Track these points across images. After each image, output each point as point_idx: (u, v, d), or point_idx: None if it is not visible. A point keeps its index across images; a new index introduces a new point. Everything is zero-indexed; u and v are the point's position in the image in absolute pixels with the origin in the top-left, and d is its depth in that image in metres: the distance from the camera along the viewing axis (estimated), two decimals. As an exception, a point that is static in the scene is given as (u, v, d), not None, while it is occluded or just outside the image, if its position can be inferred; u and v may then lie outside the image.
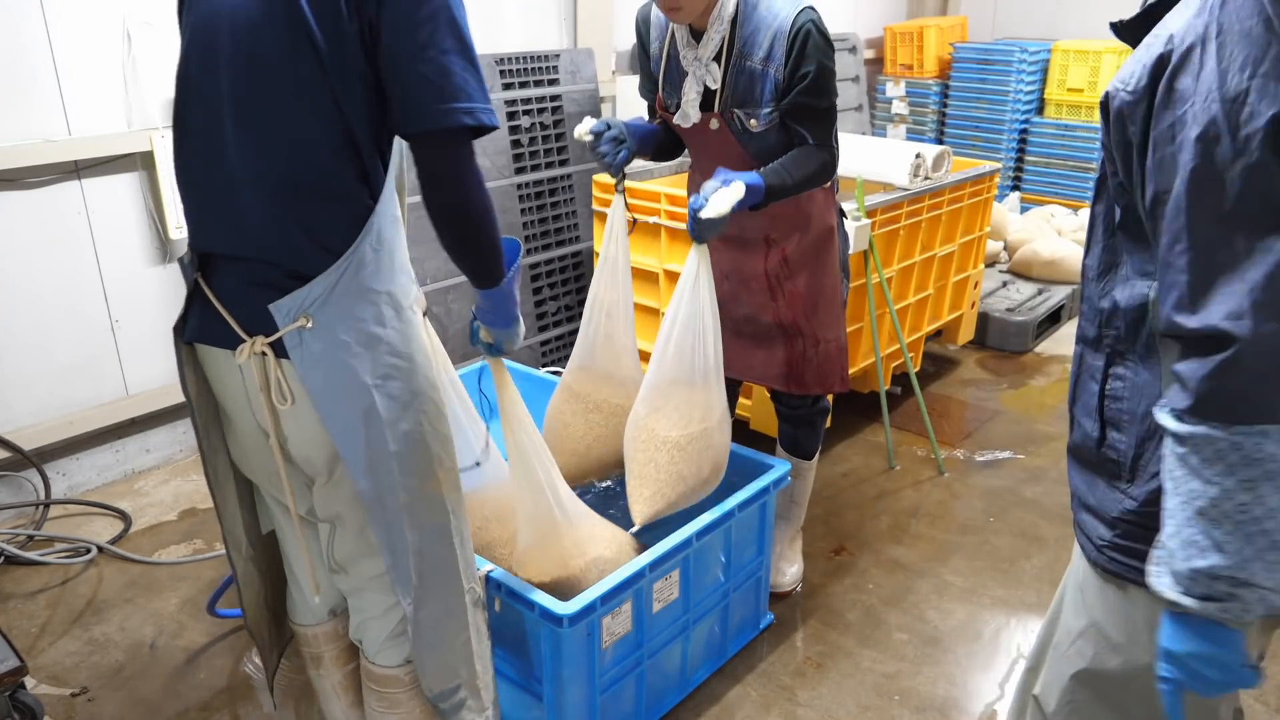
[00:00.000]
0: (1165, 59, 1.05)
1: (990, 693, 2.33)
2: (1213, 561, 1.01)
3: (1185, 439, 1.01)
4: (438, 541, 1.63)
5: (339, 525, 1.64)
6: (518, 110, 3.85)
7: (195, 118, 1.48)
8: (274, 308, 1.42)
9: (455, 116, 1.41)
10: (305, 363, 1.44)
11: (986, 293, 4.61)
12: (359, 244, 1.43)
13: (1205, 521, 1.01)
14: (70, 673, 2.35)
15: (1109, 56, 5.69)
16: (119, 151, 2.99)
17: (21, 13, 2.75)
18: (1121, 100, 1.11)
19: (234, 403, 1.59)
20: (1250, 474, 0.98)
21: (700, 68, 2.18)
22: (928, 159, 3.52)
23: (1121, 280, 1.20)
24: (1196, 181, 1.01)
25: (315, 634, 1.85)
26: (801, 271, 2.38)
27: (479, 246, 1.54)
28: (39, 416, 3.02)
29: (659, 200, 3.30)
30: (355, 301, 1.45)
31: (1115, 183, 1.17)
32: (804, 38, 2.07)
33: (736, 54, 2.14)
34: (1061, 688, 1.35)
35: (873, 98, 6.35)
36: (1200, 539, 1.01)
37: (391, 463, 1.52)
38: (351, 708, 1.91)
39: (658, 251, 3.34)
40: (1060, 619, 1.39)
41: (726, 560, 2.28)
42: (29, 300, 2.93)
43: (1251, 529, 0.99)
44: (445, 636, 1.69)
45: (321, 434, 1.51)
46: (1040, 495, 3.22)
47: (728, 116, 2.21)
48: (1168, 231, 1.04)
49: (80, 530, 2.95)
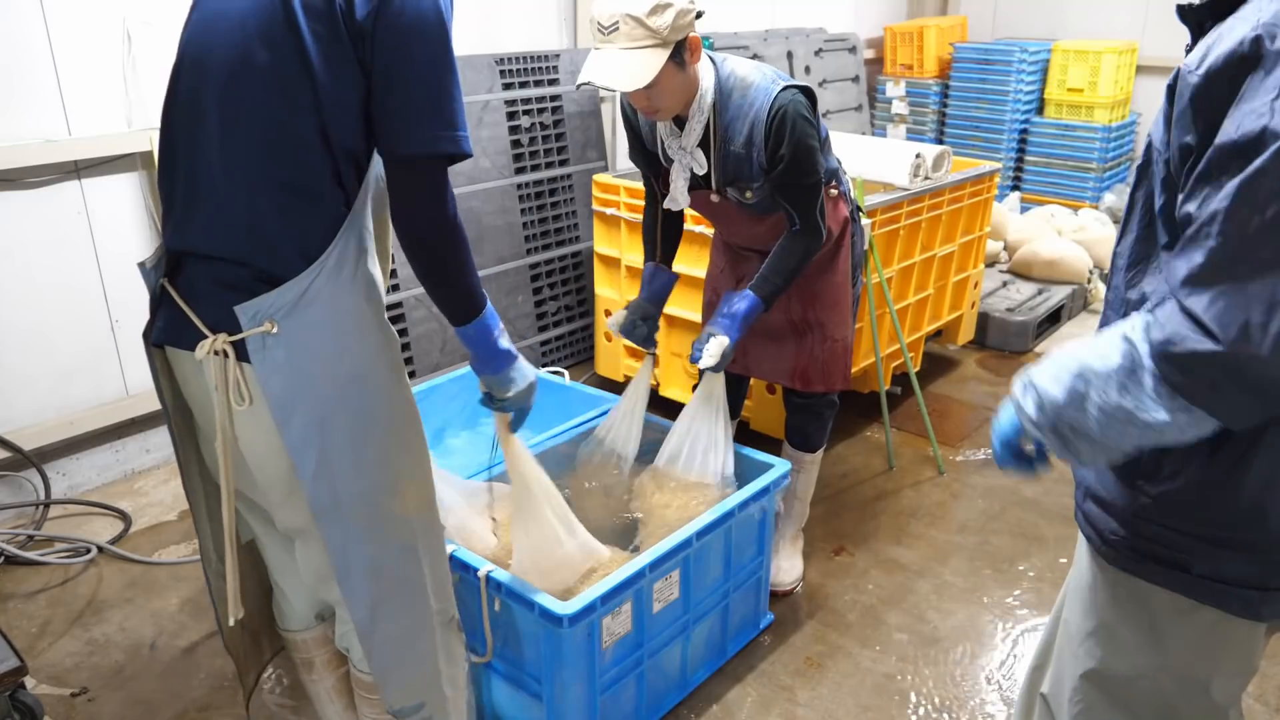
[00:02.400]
0: (1253, 49, 1.00)
1: (990, 693, 2.33)
2: (1063, 404, 1.11)
3: (1134, 348, 1.05)
4: (400, 559, 1.60)
5: (301, 540, 1.62)
6: (518, 110, 3.85)
7: (181, 115, 1.47)
8: (239, 310, 1.39)
9: (443, 144, 1.40)
10: (266, 367, 1.41)
11: (986, 293, 4.60)
12: (331, 250, 1.42)
13: (1087, 386, 1.08)
14: (70, 673, 2.35)
15: (1109, 56, 5.69)
16: (119, 151, 2.99)
17: (21, 13, 2.74)
18: (1189, 84, 1.06)
19: (200, 406, 1.57)
20: (1136, 405, 1.05)
21: (686, 156, 2.22)
22: (928, 159, 3.51)
23: (1154, 273, 1.18)
24: (1256, 177, 0.97)
25: (305, 639, 1.85)
26: (814, 268, 2.41)
27: (449, 272, 1.50)
28: (39, 416, 3.01)
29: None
30: (324, 311, 1.43)
31: (1165, 171, 1.13)
32: (779, 121, 2.10)
33: (720, 140, 2.18)
34: (1071, 688, 1.35)
35: (873, 98, 6.35)
36: (1075, 388, 1.09)
37: (347, 476, 1.49)
38: (346, 710, 1.91)
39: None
40: (1067, 619, 1.39)
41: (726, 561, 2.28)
42: (29, 300, 2.92)
43: (1094, 408, 1.08)
44: (409, 656, 1.66)
45: (278, 444, 1.47)
46: (1040, 495, 3.22)
47: (723, 194, 2.27)
48: (1204, 214, 1.01)
49: (80, 530, 2.95)
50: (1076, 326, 4.76)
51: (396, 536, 1.58)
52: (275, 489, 1.55)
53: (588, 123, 4.15)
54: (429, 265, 1.50)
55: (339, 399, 1.46)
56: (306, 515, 1.54)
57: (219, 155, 1.42)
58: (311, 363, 1.43)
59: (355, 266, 1.45)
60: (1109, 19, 6.18)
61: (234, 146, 1.41)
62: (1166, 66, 5.81)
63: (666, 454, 2.38)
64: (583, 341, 4.26)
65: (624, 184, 3.50)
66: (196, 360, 1.46)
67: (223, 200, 1.43)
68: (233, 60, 1.39)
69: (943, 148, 3.66)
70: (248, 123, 1.40)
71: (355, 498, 1.51)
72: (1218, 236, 0.99)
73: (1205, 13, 1.13)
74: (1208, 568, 1.15)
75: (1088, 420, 1.08)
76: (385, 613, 1.60)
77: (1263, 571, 1.15)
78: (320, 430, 1.45)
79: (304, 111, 1.38)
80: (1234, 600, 1.17)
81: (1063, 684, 1.37)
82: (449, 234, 1.46)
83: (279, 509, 1.59)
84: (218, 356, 1.42)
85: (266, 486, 1.56)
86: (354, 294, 1.46)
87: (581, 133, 4.13)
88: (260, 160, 1.40)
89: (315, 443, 1.45)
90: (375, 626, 1.60)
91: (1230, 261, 0.99)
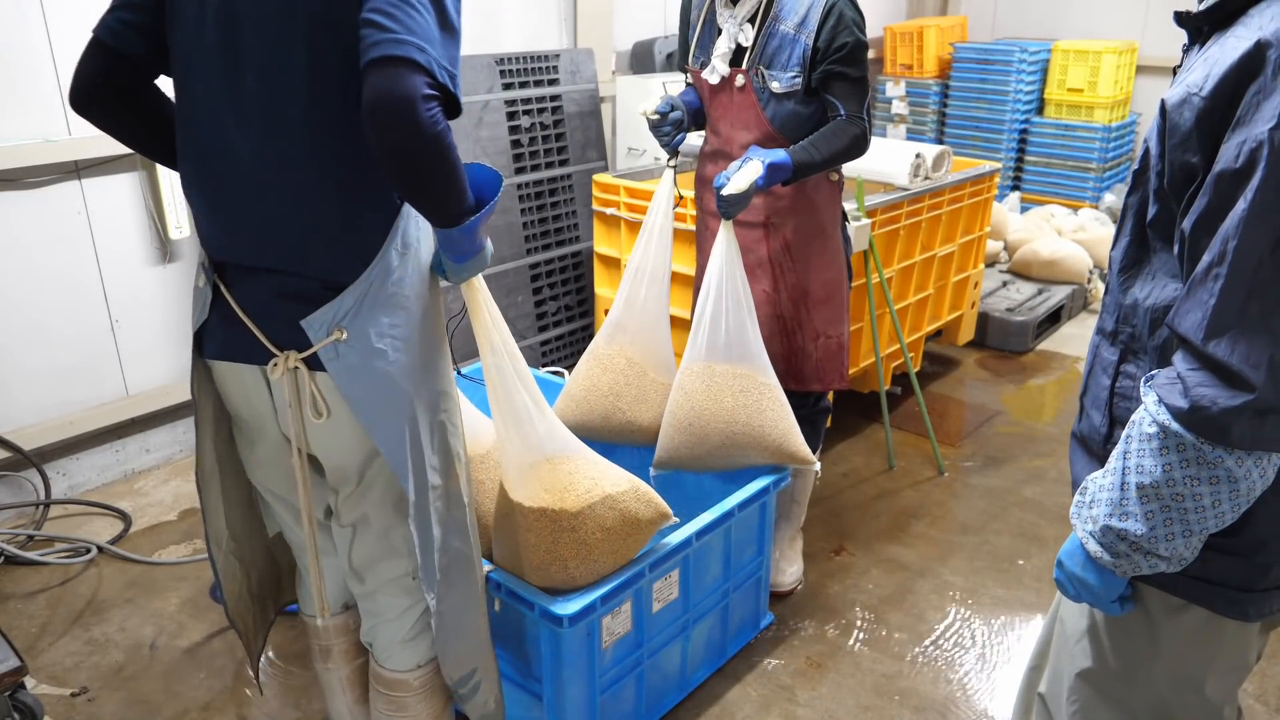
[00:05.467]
0: (1252, 65, 0.99)
1: (990, 693, 2.33)
2: (1129, 527, 1.10)
3: (1164, 430, 1.04)
4: (456, 535, 1.65)
5: (362, 528, 1.65)
6: (518, 110, 3.85)
7: (204, 123, 1.44)
8: (306, 324, 1.40)
9: (410, 51, 1.24)
10: (343, 374, 1.43)
11: (986, 293, 4.61)
12: (386, 248, 1.42)
13: (1140, 494, 1.08)
14: (70, 673, 2.35)
15: (1109, 57, 5.69)
16: (119, 151, 2.98)
17: (21, 13, 2.75)
18: (1192, 106, 1.04)
19: (259, 416, 1.58)
20: (1199, 474, 1.04)
21: (734, 25, 2.29)
22: (928, 159, 3.51)
23: (1146, 277, 1.18)
24: (1259, 209, 0.96)
25: (327, 626, 1.87)
26: (804, 261, 2.41)
27: (433, 188, 1.34)
28: (39, 416, 3.02)
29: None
30: (385, 308, 1.44)
31: (1157, 183, 1.13)
32: (835, 12, 2.18)
33: (772, 17, 2.25)
34: (1067, 687, 1.35)
35: (873, 98, 6.35)
36: (1128, 505, 1.10)
37: (426, 463, 1.53)
38: (357, 704, 1.92)
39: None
40: (1063, 618, 1.39)
41: (726, 561, 2.28)
42: (29, 300, 2.93)
43: (1174, 514, 1.07)
44: (465, 625, 1.72)
45: (356, 443, 1.52)
46: (1040, 495, 3.22)
47: (753, 74, 2.29)
48: (1212, 249, 1.00)
49: (80, 530, 2.95)
50: (1076, 326, 4.76)
51: (453, 513, 1.63)
52: (347, 484, 1.59)
53: (588, 123, 4.15)
54: (403, 182, 1.33)
55: (415, 391, 1.49)
56: (372, 504, 1.60)
57: (259, 163, 1.40)
58: (385, 361, 1.45)
59: (410, 259, 1.46)
60: (1109, 19, 6.18)
61: (273, 152, 1.38)
62: (1166, 66, 5.80)
63: (702, 346, 2.24)
64: (583, 341, 4.26)
65: (624, 184, 3.50)
66: (259, 376, 1.49)
67: (270, 210, 1.41)
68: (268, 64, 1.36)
69: (943, 148, 3.66)
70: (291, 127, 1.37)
71: (432, 482, 1.56)
72: (1228, 277, 0.98)
73: (1204, 19, 1.12)
74: (1195, 567, 1.16)
75: (1175, 526, 1.08)
76: (449, 589, 1.65)
77: (1248, 573, 1.16)
78: (408, 425, 1.49)
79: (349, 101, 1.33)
80: (1220, 600, 1.17)
81: (1060, 683, 1.37)
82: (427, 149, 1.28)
83: (347, 500, 1.62)
84: (291, 373, 1.45)
85: (337, 483, 1.61)
86: (411, 287, 1.47)
87: (581, 133, 4.13)
88: (307, 163, 1.38)
89: (404, 437, 1.49)
90: (442, 605, 1.65)
91: (1245, 300, 0.98)
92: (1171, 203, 1.11)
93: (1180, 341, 1.04)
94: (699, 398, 2.25)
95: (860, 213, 3.03)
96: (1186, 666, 1.25)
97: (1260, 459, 1.02)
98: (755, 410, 2.24)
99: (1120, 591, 1.20)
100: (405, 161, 1.28)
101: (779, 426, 2.27)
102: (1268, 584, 1.16)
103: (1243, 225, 0.97)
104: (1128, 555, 1.12)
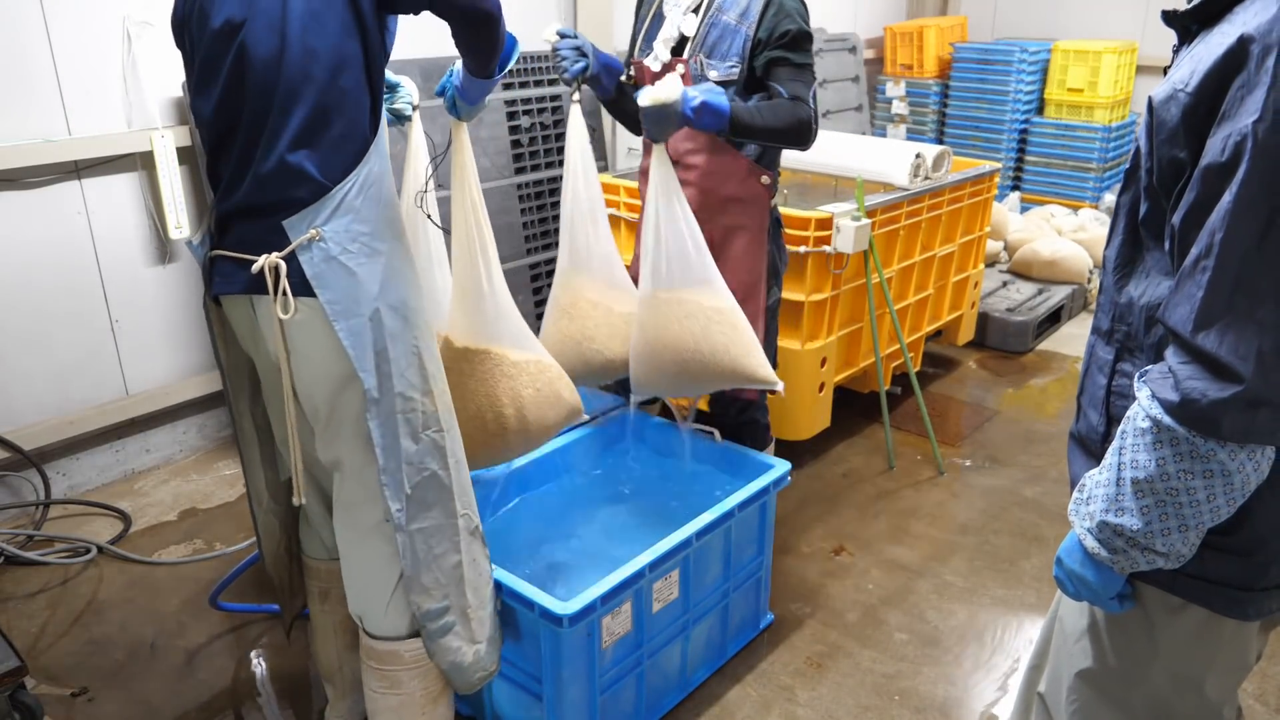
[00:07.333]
0: (1236, 61, 0.99)
1: (990, 693, 2.33)
2: (1125, 522, 1.11)
3: (1156, 424, 1.05)
4: (432, 457, 1.70)
5: (339, 471, 1.72)
6: (518, 110, 3.85)
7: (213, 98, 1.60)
8: (287, 224, 1.57)
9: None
10: (315, 267, 1.57)
11: (986, 293, 4.61)
12: (358, 171, 1.60)
13: (1135, 489, 1.09)
14: (70, 673, 2.35)
15: (1109, 56, 5.69)
16: (119, 151, 2.99)
17: (21, 13, 2.75)
18: (1178, 103, 1.05)
19: (256, 350, 1.74)
20: (1192, 468, 1.04)
21: (679, 13, 2.33)
22: (928, 159, 3.52)
23: (1140, 275, 1.19)
24: (1244, 202, 0.97)
25: (328, 569, 1.95)
26: (718, 252, 2.32)
27: (488, 46, 1.71)
28: (39, 416, 3.02)
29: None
30: (355, 219, 1.60)
31: (1147, 180, 1.14)
32: (780, 2, 2.20)
33: (715, 8, 2.29)
34: (1066, 686, 1.35)
35: (873, 98, 6.35)
36: (1123, 500, 1.11)
37: (392, 367, 1.63)
38: (347, 649, 1.99)
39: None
40: (1063, 617, 1.39)
41: (726, 561, 2.28)
42: (29, 300, 2.93)
43: (1170, 508, 1.07)
44: (436, 554, 1.75)
45: (325, 365, 1.62)
46: (1040, 495, 3.22)
47: (693, 62, 2.31)
48: (1199, 242, 1.01)
49: (80, 530, 2.95)
50: (1076, 326, 4.76)
51: (427, 429, 1.70)
52: (320, 412, 1.68)
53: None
54: (469, 39, 1.69)
55: (382, 296, 1.61)
56: (344, 442, 1.68)
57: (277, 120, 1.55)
58: (355, 262, 1.59)
59: (381, 183, 1.63)
60: (1109, 19, 6.18)
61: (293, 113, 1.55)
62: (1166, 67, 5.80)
63: (648, 274, 2.22)
64: (583, 341, 4.25)
65: (624, 184, 3.50)
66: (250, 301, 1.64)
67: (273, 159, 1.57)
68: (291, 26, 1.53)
69: (943, 148, 3.66)
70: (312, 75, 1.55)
71: (399, 386, 1.64)
72: (1215, 269, 0.99)
73: (1191, 17, 1.13)
74: (1193, 566, 1.16)
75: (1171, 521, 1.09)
76: (417, 509, 1.71)
77: (1246, 572, 1.16)
78: (370, 323, 1.60)
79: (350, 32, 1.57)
80: (1219, 599, 1.18)
81: (1059, 683, 1.38)
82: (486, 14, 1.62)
83: (320, 437, 1.72)
84: (272, 271, 1.58)
85: (312, 413, 1.70)
86: (381, 205, 1.63)
87: (581, 133, 4.12)
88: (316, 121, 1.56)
89: (367, 334, 1.60)
90: (410, 524, 1.70)
91: (1232, 292, 0.99)
92: (1161, 199, 1.12)
93: (1171, 334, 1.05)
94: (650, 328, 2.24)
95: (860, 213, 3.03)
96: (1186, 666, 1.25)
97: (1253, 452, 1.03)
98: (702, 336, 2.19)
99: (1119, 588, 1.20)
100: (480, 29, 1.65)
101: (730, 351, 2.20)
102: (1267, 583, 1.17)
103: (1228, 218, 0.98)
104: (1125, 551, 1.13)
